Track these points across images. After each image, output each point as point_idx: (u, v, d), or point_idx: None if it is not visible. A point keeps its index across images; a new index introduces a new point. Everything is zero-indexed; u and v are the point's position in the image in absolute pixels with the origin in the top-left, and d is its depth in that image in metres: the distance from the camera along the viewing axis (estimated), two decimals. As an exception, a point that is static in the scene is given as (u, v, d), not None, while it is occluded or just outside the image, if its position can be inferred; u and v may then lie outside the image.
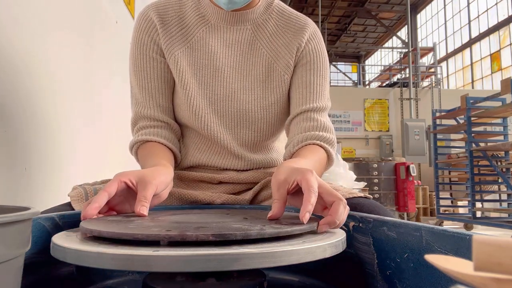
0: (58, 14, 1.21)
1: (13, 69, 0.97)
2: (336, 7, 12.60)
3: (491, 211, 4.53)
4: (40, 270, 0.47)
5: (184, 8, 0.86)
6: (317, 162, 0.75)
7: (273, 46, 0.86)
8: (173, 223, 0.46)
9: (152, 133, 0.82)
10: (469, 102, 4.28)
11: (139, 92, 0.85)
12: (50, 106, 1.15)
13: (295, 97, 0.85)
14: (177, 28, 0.84)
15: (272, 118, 0.86)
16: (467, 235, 0.36)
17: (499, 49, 10.42)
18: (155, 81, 0.84)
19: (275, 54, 0.85)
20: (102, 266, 0.35)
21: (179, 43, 0.84)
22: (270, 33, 0.86)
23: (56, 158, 1.19)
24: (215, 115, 0.84)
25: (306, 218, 0.45)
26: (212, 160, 0.87)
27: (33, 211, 0.34)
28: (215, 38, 0.84)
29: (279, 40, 0.86)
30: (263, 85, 0.85)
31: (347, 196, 0.73)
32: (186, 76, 0.83)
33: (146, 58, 0.84)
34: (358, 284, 0.52)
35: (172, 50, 0.83)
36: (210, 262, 0.34)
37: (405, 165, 5.81)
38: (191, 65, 0.84)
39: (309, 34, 0.86)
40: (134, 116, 0.85)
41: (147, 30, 0.84)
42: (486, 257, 0.18)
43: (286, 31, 0.86)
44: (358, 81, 12.62)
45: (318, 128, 0.81)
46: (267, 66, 0.85)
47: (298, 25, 0.87)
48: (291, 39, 0.86)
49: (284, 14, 0.88)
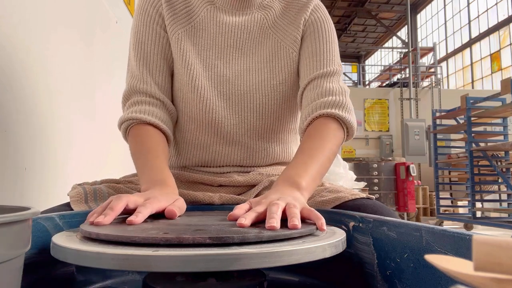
0: (58, 14, 1.21)
1: (13, 69, 0.97)
2: (336, 7, 12.59)
3: (491, 211, 4.53)
4: (40, 270, 0.47)
5: None
6: (325, 157, 0.69)
7: (279, 26, 0.85)
8: (171, 225, 0.46)
9: (146, 111, 0.76)
10: (469, 102, 4.28)
11: (136, 65, 0.81)
12: (50, 106, 1.15)
13: (304, 68, 0.82)
14: (182, 6, 0.83)
15: (279, 100, 0.83)
16: (467, 235, 0.36)
17: (499, 49, 10.42)
18: (155, 56, 0.81)
19: (282, 32, 0.84)
20: (102, 266, 0.35)
21: (183, 21, 0.82)
22: (275, 14, 0.85)
23: (56, 158, 1.19)
24: (220, 97, 0.81)
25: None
26: (215, 157, 0.84)
27: (33, 211, 0.34)
28: (220, 19, 0.83)
29: (285, 19, 0.85)
30: (270, 65, 0.83)
31: (349, 198, 0.70)
32: (190, 56, 0.80)
33: (149, 31, 0.81)
34: (358, 284, 0.52)
35: (175, 28, 0.81)
36: (210, 262, 0.34)
37: (405, 165, 5.80)
38: (194, 45, 0.82)
39: (312, 6, 0.86)
40: (128, 89, 0.81)
41: (153, 1, 0.82)
42: (486, 257, 0.18)
43: (290, 10, 0.86)
44: (358, 81, 12.62)
45: (327, 93, 0.77)
46: (274, 45, 0.83)
47: (301, 2, 0.86)
48: (295, 16, 0.85)
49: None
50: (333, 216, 0.59)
